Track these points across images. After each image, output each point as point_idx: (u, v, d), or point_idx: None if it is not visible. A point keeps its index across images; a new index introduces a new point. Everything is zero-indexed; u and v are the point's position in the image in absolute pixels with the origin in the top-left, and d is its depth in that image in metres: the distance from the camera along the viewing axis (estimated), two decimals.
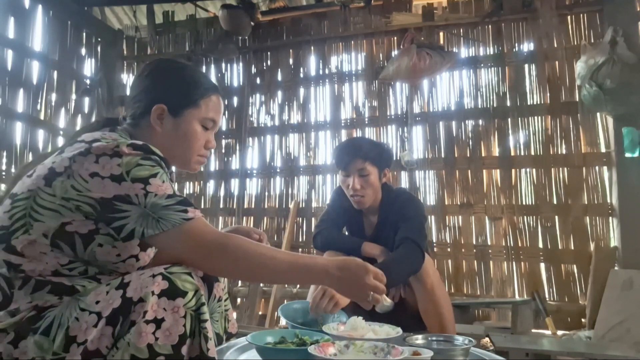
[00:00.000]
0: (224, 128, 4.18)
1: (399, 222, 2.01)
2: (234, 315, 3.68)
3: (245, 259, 1.05)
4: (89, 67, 4.20)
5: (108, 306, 0.90)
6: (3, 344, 0.89)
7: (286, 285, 3.67)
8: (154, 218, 0.97)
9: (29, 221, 0.97)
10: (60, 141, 3.83)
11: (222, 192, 4.11)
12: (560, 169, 3.32)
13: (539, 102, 3.43)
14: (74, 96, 4.00)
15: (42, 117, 3.67)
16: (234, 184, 4.09)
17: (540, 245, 3.29)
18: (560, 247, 3.25)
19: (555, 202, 3.30)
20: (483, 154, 3.49)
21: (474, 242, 3.42)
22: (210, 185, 4.16)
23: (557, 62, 3.39)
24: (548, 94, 3.40)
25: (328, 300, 1.65)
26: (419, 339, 1.46)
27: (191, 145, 1.21)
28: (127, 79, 4.47)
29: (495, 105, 3.52)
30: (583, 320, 3.03)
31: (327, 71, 3.99)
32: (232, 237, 1.06)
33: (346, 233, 2.28)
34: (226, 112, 4.21)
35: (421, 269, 1.91)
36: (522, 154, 3.41)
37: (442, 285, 2.01)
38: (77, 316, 0.90)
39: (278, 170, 4.00)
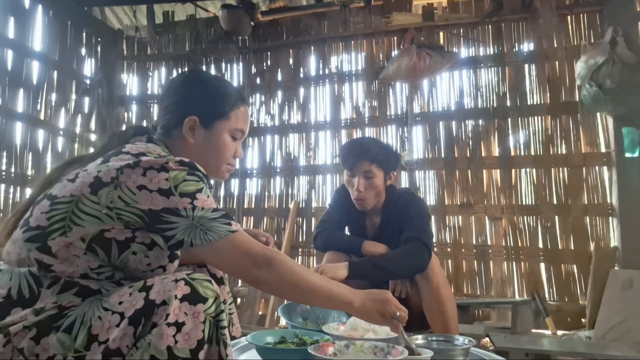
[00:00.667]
0: None
1: (402, 223, 2.01)
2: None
3: (289, 274, 1.10)
4: (89, 67, 4.20)
5: (131, 307, 0.92)
6: (26, 339, 0.91)
7: None
8: (202, 230, 1.01)
9: (69, 224, 0.99)
10: (60, 141, 3.83)
11: (222, 192, 4.11)
12: (560, 169, 3.32)
13: (539, 102, 3.43)
14: (74, 96, 4.00)
15: (42, 117, 3.67)
16: (234, 184, 4.09)
17: (540, 245, 3.29)
18: (560, 247, 3.25)
19: (555, 202, 3.30)
20: (483, 154, 3.49)
21: (474, 242, 3.42)
22: None
23: (557, 62, 3.40)
24: (548, 94, 3.40)
25: None
26: (419, 339, 1.46)
27: (222, 155, 1.26)
28: (127, 79, 4.48)
29: (495, 105, 3.52)
30: (583, 320, 3.03)
31: (327, 71, 3.99)
32: (277, 252, 1.11)
33: (347, 233, 2.28)
34: None
35: (427, 267, 1.91)
36: (522, 154, 3.42)
37: (448, 284, 2.00)
38: (100, 315, 0.92)
39: (278, 170, 4.00)
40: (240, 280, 3.85)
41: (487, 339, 2.62)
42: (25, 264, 1.00)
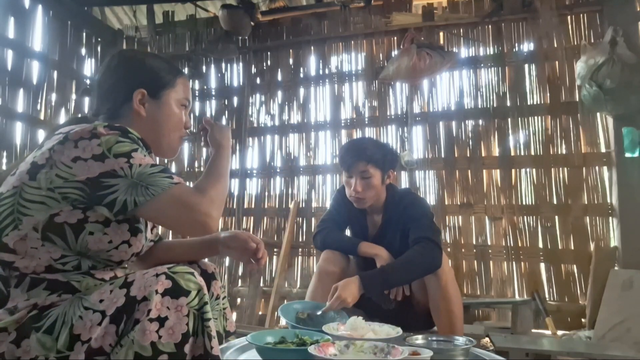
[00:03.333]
0: None
1: (406, 223, 2.01)
2: (234, 315, 3.68)
3: (220, 197, 1.11)
4: (89, 67, 4.20)
5: (112, 305, 0.91)
6: (5, 343, 0.90)
7: (286, 285, 3.68)
8: (143, 186, 0.99)
9: (18, 217, 0.99)
10: None
11: None
12: (560, 169, 3.32)
13: (539, 102, 3.43)
14: (74, 96, 4.00)
15: (42, 117, 3.66)
16: (234, 184, 4.09)
17: (540, 245, 3.29)
18: (560, 247, 3.25)
19: (555, 202, 3.30)
20: (483, 154, 3.49)
21: (474, 242, 3.42)
22: None
23: (557, 62, 3.40)
24: (548, 94, 3.40)
25: (334, 299, 1.74)
26: (419, 339, 1.46)
27: (174, 125, 1.25)
28: None
29: (495, 105, 3.52)
30: (583, 320, 3.03)
31: (327, 71, 3.99)
32: (203, 190, 1.09)
33: (348, 233, 2.28)
34: (226, 112, 4.21)
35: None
36: (522, 154, 3.42)
37: (456, 283, 2.00)
38: (81, 315, 0.92)
39: (278, 170, 4.00)
40: (238, 278, 3.85)
41: (487, 339, 2.61)
42: None
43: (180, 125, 1.27)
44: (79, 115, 1.31)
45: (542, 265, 3.27)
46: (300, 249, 3.80)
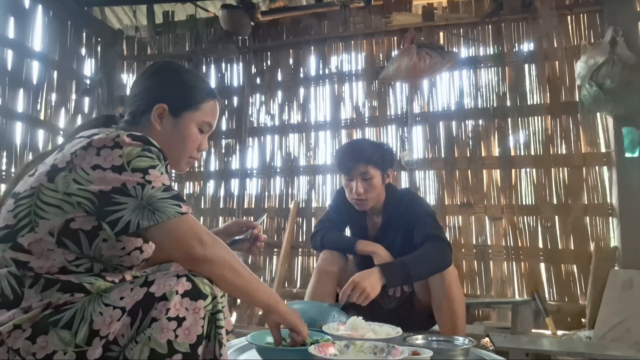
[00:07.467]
0: (224, 128, 4.19)
1: (409, 223, 2.00)
2: (234, 315, 3.68)
3: (232, 258, 1.06)
4: (89, 67, 4.20)
5: (132, 301, 0.94)
6: (21, 339, 0.91)
7: (286, 285, 3.68)
8: (150, 210, 0.98)
9: (34, 219, 0.99)
10: (60, 141, 3.82)
11: (222, 192, 4.11)
12: (560, 169, 3.32)
13: (539, 102, 3.43)
14: (74, 96, 4.00)
15: (42, 117, 3.66)
16: (234, 184, 4.09)
17: (540, 245, 3.29)
18: (560, 247, 3.25)
19: (555, 202, 3.30)
20: (483, 154, 3.49)
21: (474, 242, 3.42)
22: (210, 185, 4.16)
23: (557, 62, 3.39)
24: (548, 94, 3.40)
25: (359, 293, 1.70)
26: (419, 339, 1.46)
27: (186, 146, 1.24)
28: (127, 79, 4.48)
29: (495, 105, 3.52)
30: (583, 320, 3.03)
31: (327, 71, 3.99)
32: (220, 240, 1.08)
33: (348, 234, 2.28)
34: (226, 112, 4.21)
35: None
36: (522, 154, 3.41)
37: (459, 284, 1.99)
38: (102, 311, 0.93)
39: (278, 170, 4.00)
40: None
41: (487, 339, 2.62)
42: (3, 265, 1.00)
43: (193, 147, 1.26)
44: (106, 114, 1.30)
45: (542, 265, 3.27)
46: (300, 249, 3.80)
